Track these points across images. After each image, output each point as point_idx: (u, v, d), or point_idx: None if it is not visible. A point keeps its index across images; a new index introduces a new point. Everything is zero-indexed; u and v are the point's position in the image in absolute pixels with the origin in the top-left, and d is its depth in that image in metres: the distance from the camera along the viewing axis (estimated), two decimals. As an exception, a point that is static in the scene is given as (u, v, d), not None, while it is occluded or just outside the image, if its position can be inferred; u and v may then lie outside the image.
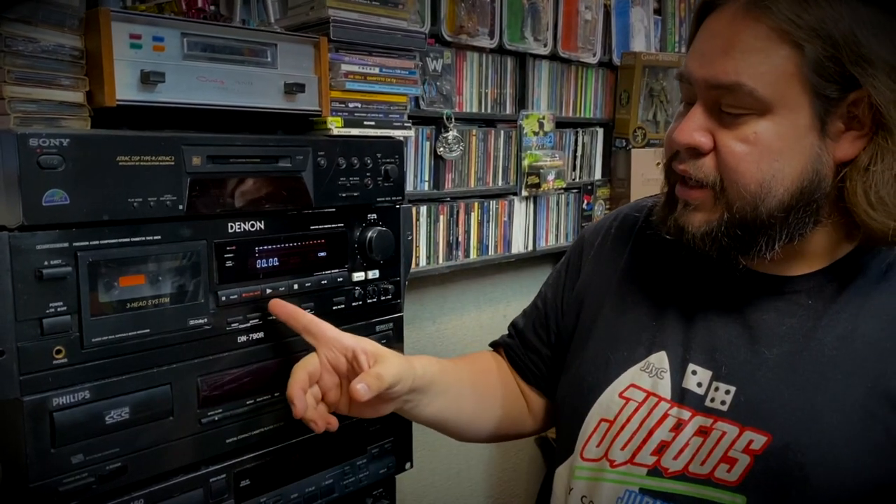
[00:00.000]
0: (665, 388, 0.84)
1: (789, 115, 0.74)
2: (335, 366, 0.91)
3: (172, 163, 0.89)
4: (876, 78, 0.72)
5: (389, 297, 1.16)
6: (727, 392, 0.80)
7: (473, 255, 1.97)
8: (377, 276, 1.14)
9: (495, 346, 1.15)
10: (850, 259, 0.81)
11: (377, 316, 1.15)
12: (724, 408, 0.79)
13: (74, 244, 0.82)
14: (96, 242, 0.84)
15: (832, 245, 0.81)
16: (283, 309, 0.94)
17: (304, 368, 0.89)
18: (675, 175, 0.82)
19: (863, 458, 0.73)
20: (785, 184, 0.75)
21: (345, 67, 1.12)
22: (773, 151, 0.74)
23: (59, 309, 0.81)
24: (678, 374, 0.84)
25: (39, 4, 0.84)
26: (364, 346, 0.90)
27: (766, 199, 0.75)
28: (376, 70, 1.16)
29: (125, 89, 0.90)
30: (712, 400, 0.81)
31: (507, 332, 1.13)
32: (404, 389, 0.90)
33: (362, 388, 0.83)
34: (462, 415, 1.00)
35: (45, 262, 0.80)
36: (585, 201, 2.33)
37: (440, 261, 1.89)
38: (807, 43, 0.71)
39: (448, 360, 1.02)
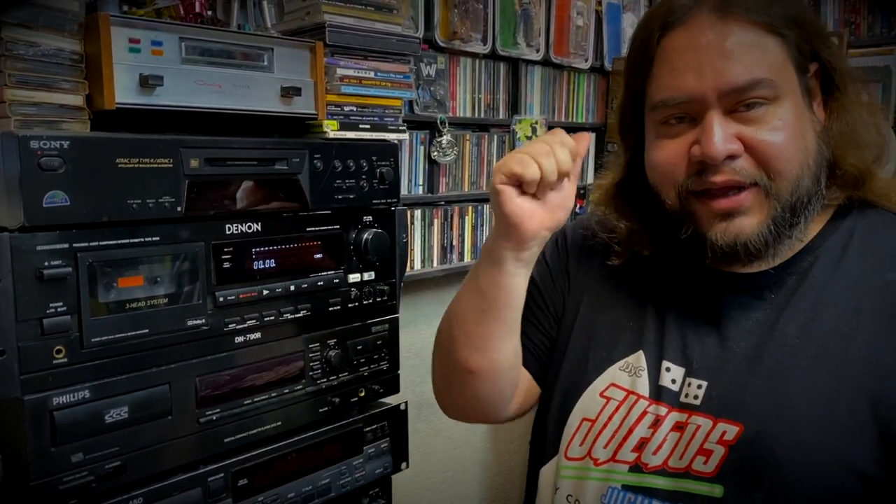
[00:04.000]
0: (643, 386, 0.86)
1: (793, 97, 0.79)
2: None
3: (171, 165, 0.90)
4: (831, 47, 0.81)
5: (385, 298, 1.17)
6: (699, 387, 0.83)
7: (468, 258, 1.98)
8: (373, 277, 1.15)
9: None
10: (807, 251, 0.85)
11: (373, 317, 1.17)
12: (698, 402, 0.82)
13: (74, 245, 0.83)
14: (96, 243, 0.85)
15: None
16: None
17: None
18: (688, 196, 0.81)
19: (830, 440, 0.75)
20: (812, 156, 0.80)
21: (340, 71, 1.14)
22: (798, 130, 0.79)
23: (59, 309, 0.82)
24: (654, 371, 0.86)
25: (40, 9, 0.86)
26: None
27: (805, 176, 0.80)
28: (371, 74, 1.18)
29: (124, 93, 0.91)
30: (686, 395, 0.83)
31: None
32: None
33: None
34: (515, 326, 0.92)
35: (46, 263, 0.81)
36: (578, 205, 2.35)
37: (435, 264, 1.90)
38: (784, 28, 0.78)
39: None
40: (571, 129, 2.37)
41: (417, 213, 1.83)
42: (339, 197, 1.09)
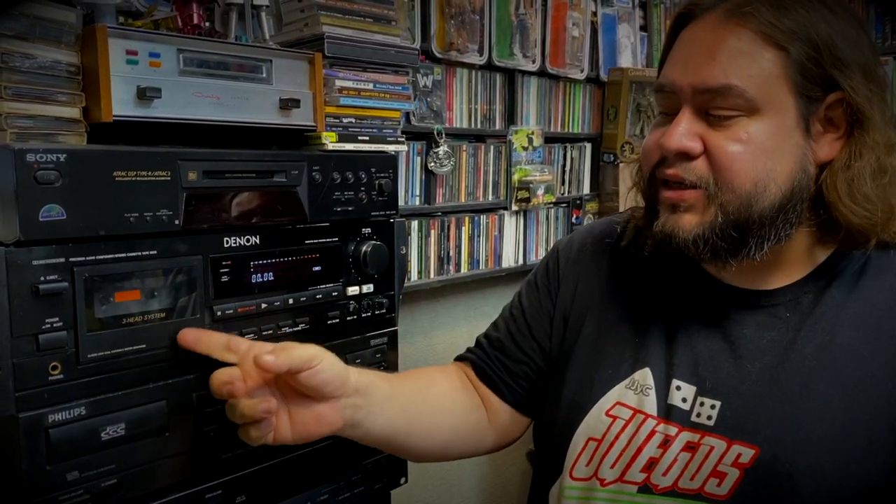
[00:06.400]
0: (651, 404, 0.84)
1: (777, 116, 0.77)
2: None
3: (168, 178, 0.89)
4: (852, 78, 0.76)
5: (384, 310, 1.16)
6: (713, 407, 0.81)
7: (464, 269, 1.97)
8: (372, 290, 1.14)
9: (461, 359, 1.10)
10: (823, 270, 0.83)
11: (372, 330, 1.15)
12: (711, 423, 0.80)
13: (71, 259, 0.82)
14: (93, 258, 0.84)
15: (806, 253, 0.83)
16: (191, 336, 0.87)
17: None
18: (656, 183, 0.83)
19: (848, 465, 0.74)
20: (778, 182, 0.77)
21: (339, 83, 1.13)
22: (766, 150, 0.76)
23: (55, 325, 0.81)
24: (663, 390, 0.84)
25: (36, 21, 0.84)
26: (266, 346, 0.83)
27: (761, 198, 0.77)
28: (370, 86, 1.17)
29: (121, 105, 0.90)
30: (698, 415, 0.81)
31: (475, 346, 1.09)
32: (343, 386, 0.84)
33: (269, 357, 0.76)
34: (416, 424, 0.94)
35: (42, 278, 0.80)
36: (575, 216, 2.35)
37: (431, 275, 1.90)
38: (791, 45, 0.75)
39: (387, 373, 0.97)
40: (567, 139, 2.37)
41: (414, 223, 1.83)
42: (338, 209, 1.09)
